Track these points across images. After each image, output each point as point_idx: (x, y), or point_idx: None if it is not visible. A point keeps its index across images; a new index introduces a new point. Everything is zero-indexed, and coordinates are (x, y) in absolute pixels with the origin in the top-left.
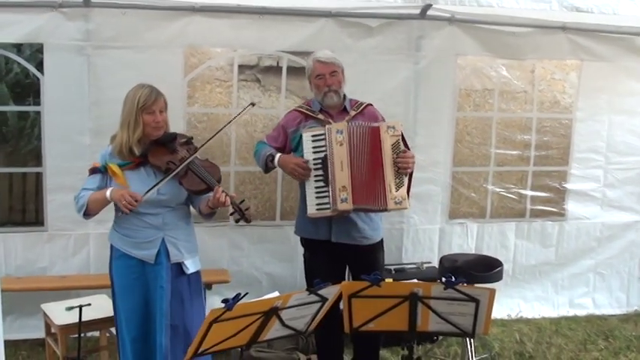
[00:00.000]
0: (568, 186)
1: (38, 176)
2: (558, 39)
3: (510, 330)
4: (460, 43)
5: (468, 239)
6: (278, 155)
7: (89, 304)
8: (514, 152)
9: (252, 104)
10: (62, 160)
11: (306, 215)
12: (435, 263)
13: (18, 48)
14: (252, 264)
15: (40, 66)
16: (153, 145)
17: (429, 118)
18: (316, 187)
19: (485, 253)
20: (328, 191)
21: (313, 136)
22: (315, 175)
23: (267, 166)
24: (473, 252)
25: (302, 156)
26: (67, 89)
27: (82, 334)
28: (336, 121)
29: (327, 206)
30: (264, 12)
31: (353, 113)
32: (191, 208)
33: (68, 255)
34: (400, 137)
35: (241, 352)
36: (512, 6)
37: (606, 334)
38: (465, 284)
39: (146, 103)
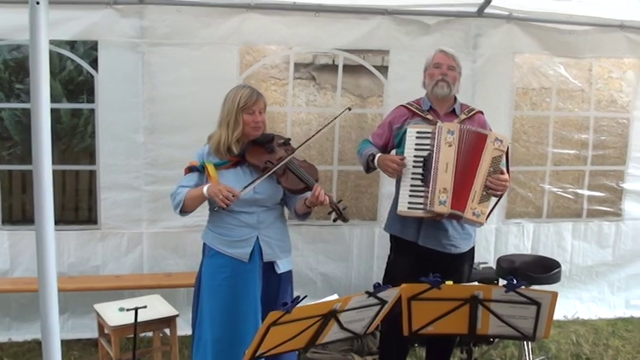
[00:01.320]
0: (625, 186)
1: (92, 174)
2: (616, 37)
3: (567, 331)
4: (517, 41)
5: (524, 239)
6: (379, 155)
7: (145, 307)
8: (571, 151)
9: (349, 109)
10: (116, 158)
11: (397, 212)
12: (492, 263)
13: (71, 45)
14: (307, 264)
15: (94, 63)
16: (251, 145)
17: (486, 116)
18: (412, 185)
19: (541, 253)
20: (425, 192)
21: (419, 132)
22: (413, 173)
23: (369, 166)
24: (529, 252)
25: (402, 153)
26: (121, 87)
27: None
28: (444, 122)
29: (420, 206)
30: (320, 9)
31: (463, 117)
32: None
33: (121, 254)
34: (504, 154)
35: (298, 355)
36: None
37: None
38: (526, 287)
39: (247, 104)
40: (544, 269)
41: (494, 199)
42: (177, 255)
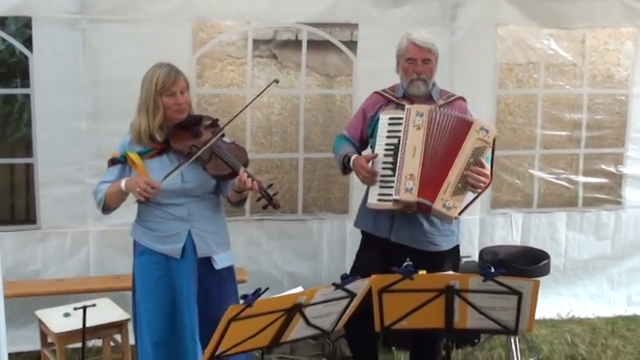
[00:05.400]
0: (625, 170)
1: (28, 167)
2: (611, 4)
3: (561, 331)
4: (501, 12)
5: (513, 231)
6: (354, 157)
7: (94, 305)
8: (563, 133)
9: (276, 81)
10: (56, 148)
11: (367, 205)
12: (476, 257)
13: (1, 22)
14: (271, 262)
15: (28, 42)
16: (176, 130)
17: (466, 96)
18: (383, 176)
19: (532, 246)
20: (394, 181)
21: (390, 118)
22: (384, 162)
23: (345, 167)
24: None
25: (375, 143)
26: (60, 69)
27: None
28: (413, 104)
29: (390, 197)
30: None
31: (441, 102)
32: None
33: (64, 256)
34: (489, 146)
35: (262, 355)
36: None
37: None
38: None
39: (165, 85)
40: (531, 261)
41: (470, 195)
42: (127, 255)
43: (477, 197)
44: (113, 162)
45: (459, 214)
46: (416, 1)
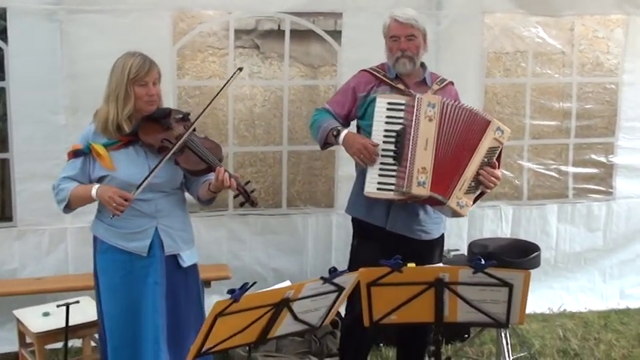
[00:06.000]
0: (615, 160)
1: (4, 163)
2: None
3: (552, 325)
4: None
5: (503, 224)
6: (345, 131)
7: (77, 302)
8: (552, 123)
9: (240, 69)
10: (33, 143)
11: (363, 193)
12: (465, 251)
13: None
14: (255, 258)
15: (3, 34)
16: (145, 122)
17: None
18: (382, 163)
19: (522, 239)
20: (398, 171)
21: (390, 103)
22: (384, 150)
23: (327, 142)
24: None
25: (370, 125)
26: (37, 61)
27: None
28: (423, 94)
29: (392, 187)
30: None
31: (436, 88)
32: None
33: (42, 254)
34: (502, 146)
35: (249, 352)
36: None
37: None
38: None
39: (138, 74)
40: (521, 253)
41: (477, 193)
42: None
43: (481, 196)
44: (75, 154)
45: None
46: None
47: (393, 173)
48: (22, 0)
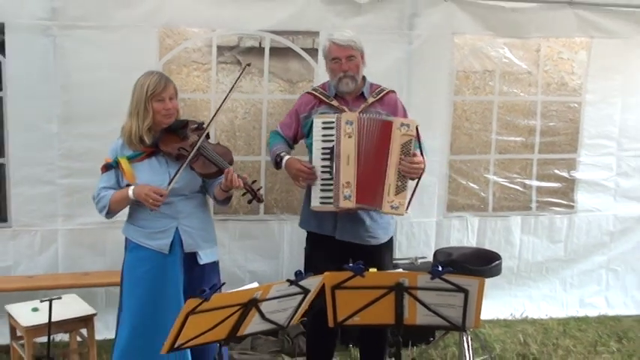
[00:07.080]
0: (577, 175)
1: (1, 168)
2: (565, 15)
3: (513, 331)
4: (457, 21)
5: (469, 234)
6: (287, 157)
7: (60, 298)
8: (517, 139)
9: (248, 64)
10: (27, 149)
11: (310, 208)
12: (431, 259)
13: None
14: (234, 261)
15: (0, 48)
16: (164, 133)
17: (423, 102)
18: (322, 179)
19: (487, 248)
20: (333, 185)
21: (323, 122)
22: (323, 166)
23: (278, 164)
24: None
25: (311, 144)
26: (32, 73)
27: (51, 337)
28: (351, 108)
29: (331, 200)
30: None
31: (371, 100)
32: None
33: (34, 253)
34: (414, 137)
35: (219, 349)
36: None
37: (619, 335)
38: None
39: (155, 91)
40: (483, 262)
41: (411, 185)
42: (95, 253)
43: (417, 185)
44: (107, 167)
45: (407, 208)
46: (375, 10)
47: (331, 187)
48: (19, 16)
